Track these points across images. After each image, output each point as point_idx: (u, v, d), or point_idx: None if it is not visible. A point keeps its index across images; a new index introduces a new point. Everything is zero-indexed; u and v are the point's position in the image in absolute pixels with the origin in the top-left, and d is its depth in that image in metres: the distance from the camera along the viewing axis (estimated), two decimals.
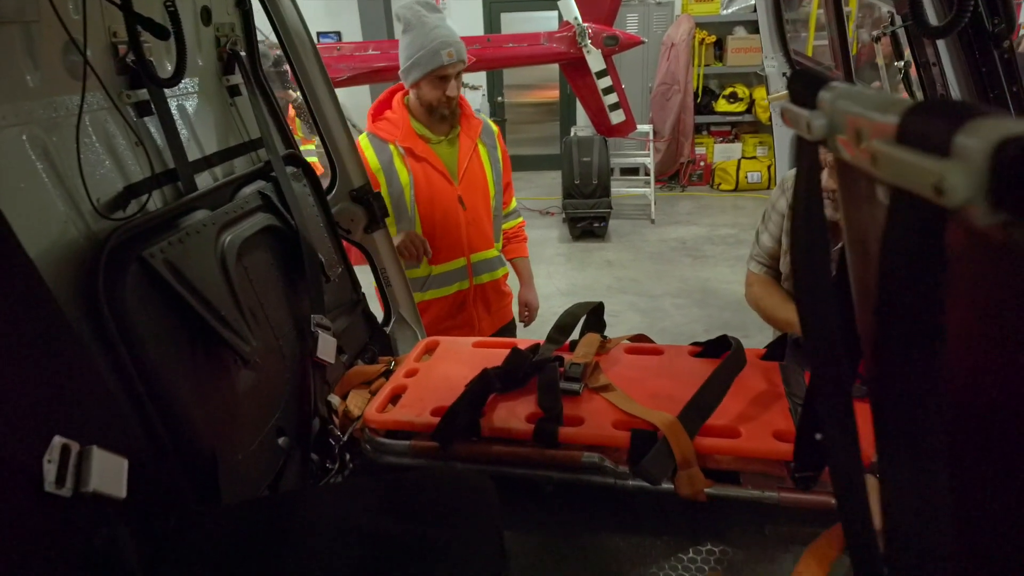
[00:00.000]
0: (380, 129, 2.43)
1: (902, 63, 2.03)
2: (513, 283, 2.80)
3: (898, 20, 2.01)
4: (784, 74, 2.40)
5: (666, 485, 1.46)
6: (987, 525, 0.43)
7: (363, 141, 2.43)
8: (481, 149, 2.52)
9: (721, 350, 1.86)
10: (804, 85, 0.54)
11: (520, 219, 2.81)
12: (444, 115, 2.38)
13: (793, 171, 2.15)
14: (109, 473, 0.96)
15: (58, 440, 0.91)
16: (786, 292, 2.14)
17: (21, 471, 0.87)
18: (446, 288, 2.54)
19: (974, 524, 0.44)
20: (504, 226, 2.71)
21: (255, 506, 1.16)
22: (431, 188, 2.41)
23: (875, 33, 2.17)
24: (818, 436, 0.72)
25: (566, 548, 1.48)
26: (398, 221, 2.43)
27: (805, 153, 0.55)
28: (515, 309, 2.85)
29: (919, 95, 1.92)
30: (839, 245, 1.94)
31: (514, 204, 2.77)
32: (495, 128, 2.62)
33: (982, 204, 0.32)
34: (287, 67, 5.04)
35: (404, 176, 2.39)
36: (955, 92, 1.65)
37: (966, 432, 0.41)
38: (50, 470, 0.89)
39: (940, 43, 1.64)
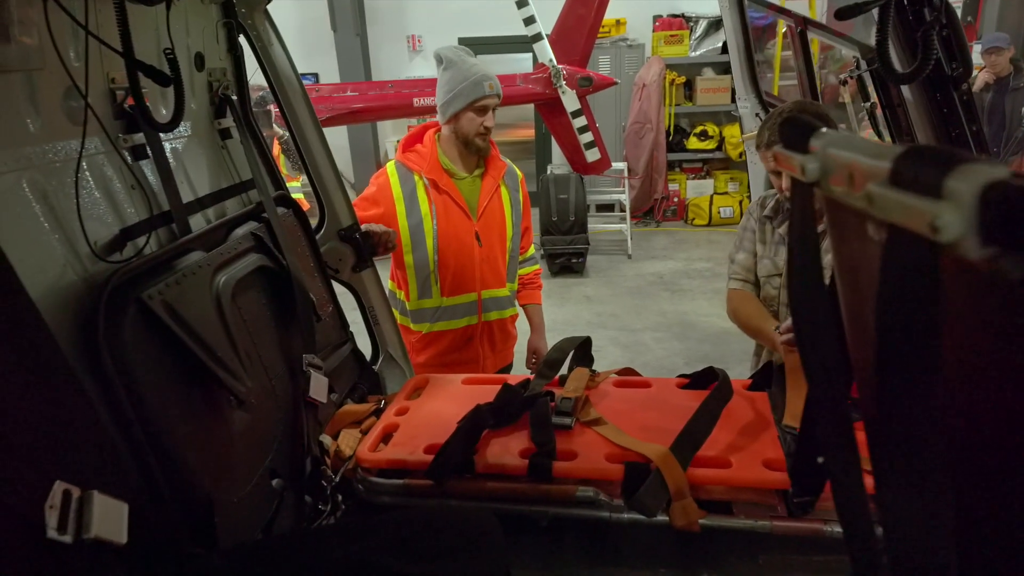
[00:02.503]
0: (408, 159, 2.49)
1: (868, 104, 2.15)
2: (521, 328, 2.82)
3: (863, 64, 2.13)
4: (756, 115, 2.51)
5: (660, 517, 1.48)
6: (988, 548, 0.45)
7: (389, 168, 2.49)
8: (503, 190, 2.57)
9: (707, 382, 1.90)
10: (796, 131, 0.58)
11: (537, 266, 2.84)
12: (479, 147, 2.43)
13: (765, 193, 2.22)
14: (110, 518, 0.96)
15: (59, 485, 0.90)
16: (761, 304, 2.19)
17: (22, 518, 0.86)
18: (455, 321, 2.56)
19: (975, 546, 0.47)
20: (520, 271, 2.75)
21: (258, 549, 1.15)
22: (449, 221, 2.46)
23: (843, 76, 2.29)
24: (820, 459, 0.74)
25: None
26: (414, 250, 2.46)
27: (799, 194, 0.60)
28: (516, 353, 2.86)
29: (885, 134, 2.03)
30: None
31: (532, 251, 2.81)
32: (520, 174, 2.69)
33: (973, 240, 0.36)
34: (270, 107, 5.12)
35: (425, 206, 2.44)
36: (919, 131, 1.74)
37: (966, 457, 0.44)
38: (52, 516, 0.88)
39: (904, 86, 1.74)
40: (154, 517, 1.11)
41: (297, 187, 4.96)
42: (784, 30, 7.51)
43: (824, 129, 0.56)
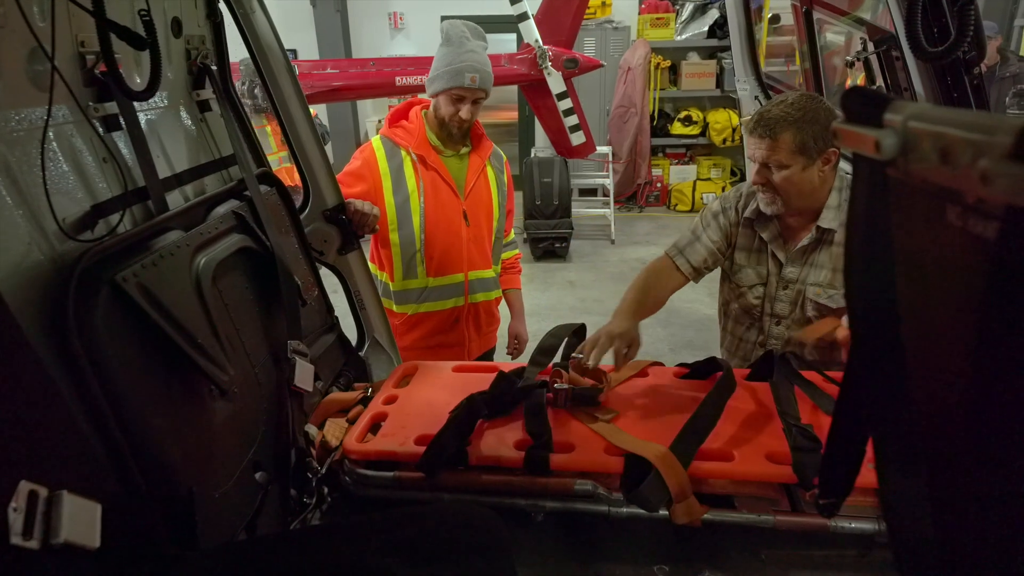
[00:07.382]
0: (395, 134, 2.42)
1: (874, 88, 2.10)
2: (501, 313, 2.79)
3: (870, 46, 2.08)
4: (756, 97, 2.45)
5: (660, 512, 1.43)
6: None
7: (375, 143, 2.43)
8: (489, 170, 2.54)
9: (708, 372, 1.85)
10: (865, 104, 0.52)
11: (517, 251, 2.82)
12: (451, 133, 2.39)
13: (739, 187, 2.10)
14: (81, 520, 0.87)
15: (24, 485, 0.82)
16: (656, 277, 2.11)
17: None
18: (441, 302, 2.51)
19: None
20: (501, 255, 2.72)
21: (245, 550, 1.07)
22: (437, 199, 2.40)
23: (849, 59, 2.24)
24: (870, 466, 0.69)
25: None
26: (400, 228, 2.40)
27: (866, 175, 0.53)
28: (498, 336, 2.84)
29: None
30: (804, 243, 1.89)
31: (512, 235, 2.79)
32: (504, 156, 2.66)
33: None
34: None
35: (412, 183, 2.38)
36: None
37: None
38: (16, 520, 0.80)
39: (912, 69, 1.69)
40: (130, 517, 1.03)
41: None
42: (770, 14, 7.46)
43: (902, 102, 0.49)
